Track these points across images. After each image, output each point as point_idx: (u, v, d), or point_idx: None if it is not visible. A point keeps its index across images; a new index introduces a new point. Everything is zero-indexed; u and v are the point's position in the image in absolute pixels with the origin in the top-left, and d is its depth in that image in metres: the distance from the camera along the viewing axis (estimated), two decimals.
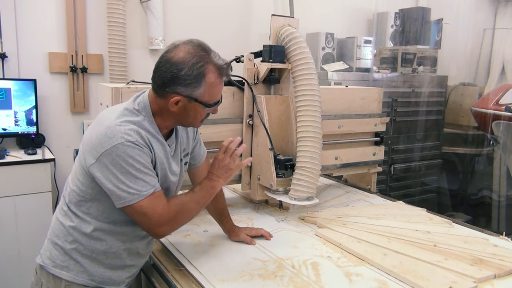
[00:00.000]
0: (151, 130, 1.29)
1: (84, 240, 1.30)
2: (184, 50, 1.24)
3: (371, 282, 1.35)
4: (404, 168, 3.91)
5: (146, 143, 1.24)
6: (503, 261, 1.46)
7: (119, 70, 3.02)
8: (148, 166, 1.23)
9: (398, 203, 2.15)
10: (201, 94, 1.26)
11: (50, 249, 1.33)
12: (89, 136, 1.24)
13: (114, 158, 1.18)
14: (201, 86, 1.25)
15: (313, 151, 1.78)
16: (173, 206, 1.28)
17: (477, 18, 4.77)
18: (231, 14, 3.56)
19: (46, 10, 2.88)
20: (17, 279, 2.56)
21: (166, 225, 1.27)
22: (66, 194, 1.34)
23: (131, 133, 1.21)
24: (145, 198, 1.21)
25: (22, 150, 2.75)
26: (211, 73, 1.26)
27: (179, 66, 1.22)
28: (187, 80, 1.23)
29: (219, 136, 1.90)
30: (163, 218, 1.25)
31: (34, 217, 2.57)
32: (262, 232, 1.67)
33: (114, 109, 1.32)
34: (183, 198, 1.33)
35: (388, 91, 3.65)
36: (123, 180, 1.19)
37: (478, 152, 4.17)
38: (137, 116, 1.27)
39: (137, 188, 1.20)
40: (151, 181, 1.23)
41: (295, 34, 1.87)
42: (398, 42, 4.07)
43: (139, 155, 1.21)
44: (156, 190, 1.24)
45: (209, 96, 1.28)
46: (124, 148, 1.18)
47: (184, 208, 1.31)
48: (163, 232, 1.30)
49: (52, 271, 1.31)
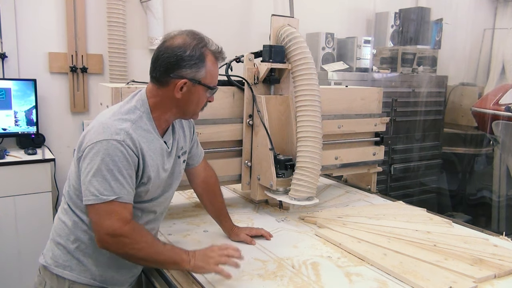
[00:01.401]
0: (147, 127, 1.28)
1: (86, 238, 1.29)
2: (181, 37, 1.27)
3: (371, 282, 1.35)
4: (404, 168, 3.91)
5: (135, 146, 1.22)
6: (503, 261, 1.46)
7: (119, 70, 3.02)
8: (123, 172, 1.19)
9: (398, 203, 2.15)
10: (204, 76, 1.28)
11: (53, 249, 1.33)
12: (84, 132, 1.26)
13: (95, 152, 1.17)
14: (204, 67, 1.27)
15: (313, 151, 1.78)
16: (132, 230, 1.19)
17: (477, 18, 4.77)
18: (231, 14, 3.56)
19: (46, 10, 2.88)
20: (17, 279, 2.56)
21: (111, 239, 1.18)
22: (66, 193, 1.34)
23: (120, 133, 1.20)
24: (102, 203, 1.16)
25: (22, 150, 2.76)
26: (210, 55, 1.29)
27: (181, 49, 1.24)
28: (191, 61, 1.25)
29: (219, 136, 1.90)
30: (112, 231, 1.17)
31: (34, 217, 2.57)
32: (262, 232, 1.67)
33: (112, 107, 1.33)
34: (148, 237, 1.24)
35: (388, 91, 3.65)
36: (91, 177, 1.17)
37: (478, 152, 4.18)
38: (133, 114, 1.27)
39: (99, 189, 1.16)
40: (116, 188, 1.17)
41: (295, 34, 1.87)
42: (398, 42, 4.07)
43: (119, 158, 1.18)
44: (119, 200, 1.18)
45: (210, 78, 1.30)
46: (108, 145, 1.17)
47: (139, 243, 1.20)
48: (105, 243, 1.19)
49: (55, 271, 1.31)
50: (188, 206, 2.04)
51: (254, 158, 1.95)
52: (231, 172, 1.98)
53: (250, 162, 1.97)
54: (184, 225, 1.79)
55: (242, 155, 1.98)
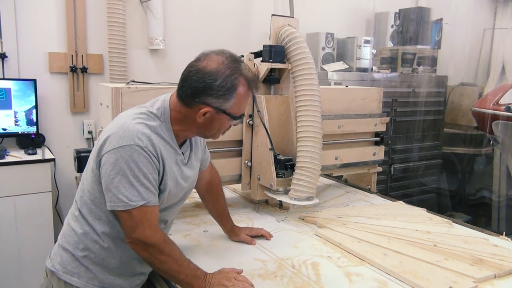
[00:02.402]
0: (166, 137, 1.27)
1: (95, 248, 1.27)
2: (217, 60, 1.21)
3: (371, 282, 1.35)
4: (404, 168, 3.91)
5: (156, 151, 1.21)
6: (503, 261, 1.46)
7: (119, 70, 3.02)
8: (148, 177, 1.19)
9: (398, 203, 2.16)
10: (231, 106, 1.24)
11: (61, 255, 1.31)
12: (103, 133, 1.23)
13: (118, 158, 1.16)
14: (232, 98, 1.23)
15: (313, 151, 1.78)
16: (163, 241, 1.21)
17: (476, 18, 4.77)
18: (231, 14, 3.56)
19: (46, 10, 2.88)
20: (17, 279, 2.56)
21: (141, 245, 1.20)
22: (79, 198, 1.31)
23: (142, 138, 1.18)
24: (132, 209, 1.17)
25: (22, 150, 2.75)
26: (242, 86, 1.24)
27: (212, 77, 1.19)
28: (219, 92, 1.20)
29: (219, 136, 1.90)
30: (144, 238, 1.19)
31: (34, 217, 2.56)
32: (262, 232, 1.67)
33: (131, 110, 1.30)
34: (176, 252, 1.24)
35: (388, 91, 3.65)
36: (117, 183, 1.16)
37: (478, 152, 4.18)
38: (154, 121, 1.25)
39: (127, 196, 1.16)
40: (144, 193, 1.18)
41: (295, 34, 1.87)
42: (398, 42, 4.07)
43: (143, 163, 1.18)
44: (148, 205, 1.19)
45: (237, 108, 1.26)
46: (131, 151, 1.16)
47: (166, 256, 1.21)
48: (134, 246, 1.21)
49: (63, 277, 1.28)
50: (188, 206, 2.04)
51: (254, 158, 1.95)
52: (231, 172, 1.98)
53: (250, 162, 1.97)
54: (184, 225, 1.79)
55: (242, 155, 1.98)
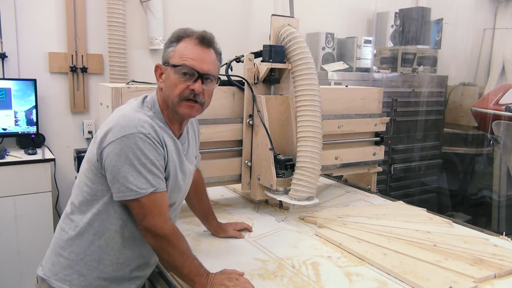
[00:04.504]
0: (163, 125, 1.28)
1: (90, 250, 1.24)
2: None
3: (371, 282, 1.35)
4: (404, 168, 3.91)
5: (159, 137, 1.22)
6: (503, 261, 1.46)
7: (119, 70, 3.02)
8: (155, 163, 1.19)
9: (398, 203, 2.15)
10: (171, 55, 1.25)
11: (53, 261, 1.28)
12: (101, 127, 1.22)
13: (123, 147, 1.15)
14: (173, 47, 1.25)
15: (313, 151, 1.78)
16: (172, 231, 1.22)
17: (477, 18, 4.77)
18: (231, 14, 3.56)
19: (46, 10, 2.88)
20: (17, 279, 2.56)
21: (150, 234, 1.21)
22: (75, 197, 1.29)
23: (145, 125, 1.18)
24: (142, 197, 1.17)
25: (22, 150, 2.75)
26: (188, 39, 1.24)
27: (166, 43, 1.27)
28: (166, 46, 1.26)
29: (219, 136, 1.90)
30: (154, 227, 1.19)
31: (34, 217, 2.57)
32: (244, 226, 1.71)
33: (127, 104, 1.30)
34: (184, 245, 1.25)
35: (388, 91, 3.65)
36: (125, 173, 1.15)
37: (478, 152, 4.18)
38: (148, 111, 1.26)
39: (137, 184, 1.16)
40: (152, 180, 1.18)
41: (295, 34, 1.87)
42: (398, 42, 4.07)
43: (149, 150, 1.17)
44: (157, 191, 1.19)
45: (177, 57, 1.23)
46: (136, 139, 1.15)
47: (174, 248, 1.21)
48: (144, 233, 1.21)
49: (54, 285, 1.25)
50: (188, 206, 2.03)
51: (254, 158, 1.95)
52: (231, 172, 1.98)
53: (250, 162, 1.97)
54: (184, 225, 1.79)
55: (242, 155, 1.98)
